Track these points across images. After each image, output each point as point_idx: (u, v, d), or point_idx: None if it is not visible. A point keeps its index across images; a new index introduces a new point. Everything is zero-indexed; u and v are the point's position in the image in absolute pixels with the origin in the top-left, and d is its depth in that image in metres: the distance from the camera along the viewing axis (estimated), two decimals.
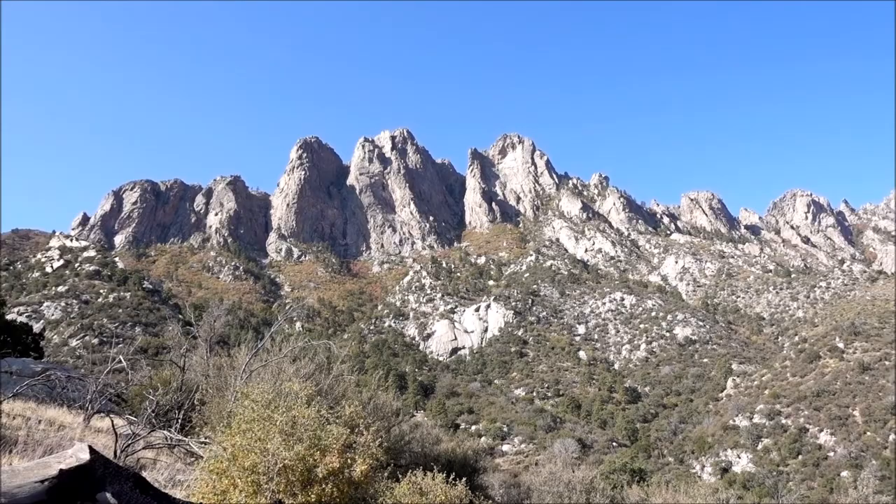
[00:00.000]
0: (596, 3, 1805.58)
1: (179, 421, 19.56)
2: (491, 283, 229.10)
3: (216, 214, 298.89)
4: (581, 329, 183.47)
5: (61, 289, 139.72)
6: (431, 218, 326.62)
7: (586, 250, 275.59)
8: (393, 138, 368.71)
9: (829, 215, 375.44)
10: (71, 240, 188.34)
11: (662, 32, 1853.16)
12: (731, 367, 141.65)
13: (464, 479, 18.09)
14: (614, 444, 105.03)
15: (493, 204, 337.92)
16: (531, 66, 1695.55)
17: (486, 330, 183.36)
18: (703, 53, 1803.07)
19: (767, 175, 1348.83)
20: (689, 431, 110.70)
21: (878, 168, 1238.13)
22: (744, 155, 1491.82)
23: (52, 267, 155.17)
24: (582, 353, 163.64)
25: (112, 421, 15.07)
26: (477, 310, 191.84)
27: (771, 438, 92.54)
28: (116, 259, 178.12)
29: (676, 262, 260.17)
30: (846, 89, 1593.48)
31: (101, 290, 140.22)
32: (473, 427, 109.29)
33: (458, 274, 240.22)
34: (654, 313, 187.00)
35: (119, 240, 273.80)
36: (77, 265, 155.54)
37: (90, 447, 7.28)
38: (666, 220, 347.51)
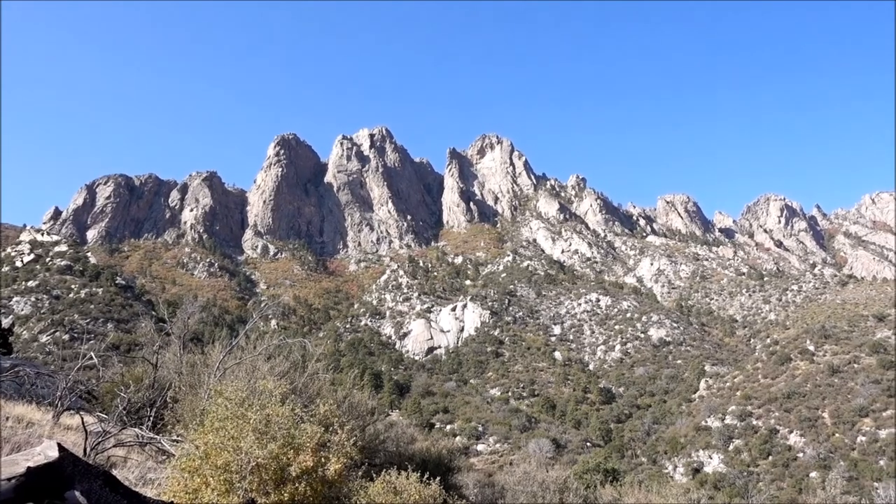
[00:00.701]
0: (574, 3, 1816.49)
1: (151, 419, 19.33)
2: (468, 282, 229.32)
3: (191, 210, 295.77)
4: (557, 329, 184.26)
5: (31, 283, 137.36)
6: (409, 217, 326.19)
7: (563, 251, 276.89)
8: (371, 136, 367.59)
9: (801, 220, 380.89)
10: (42, 234, 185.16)
11: (641, 35, 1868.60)
12: (703, 368, 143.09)
13: (438, 478, 18.14)
14: (588, 444, 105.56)
15: (471, 204, 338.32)
16: (512, 67, 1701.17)
17: (462, 329, 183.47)
18: (682, 57, 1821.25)
19: (742, 179, 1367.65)
20: (662, 432, 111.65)
21: (849, 174, 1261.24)
22: (719, 159, 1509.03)
23: (22, 261, 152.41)
24: (557, 354, 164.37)
25: (82, 418, 14.88)
26: (453, 309, 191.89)
27: (742, 439, 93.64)
28: (89, 254, 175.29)
29: (652, 264, 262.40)
30: (821, 97, 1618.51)
31: (73, 286, 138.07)
32: (448, 426, 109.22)
33: (435, 273, 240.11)
34: (629, 314, 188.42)
35: (92, 235, 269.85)
36: (48, 260, 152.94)
37: (59, 445, 7.17)
38: (642, 222, 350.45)
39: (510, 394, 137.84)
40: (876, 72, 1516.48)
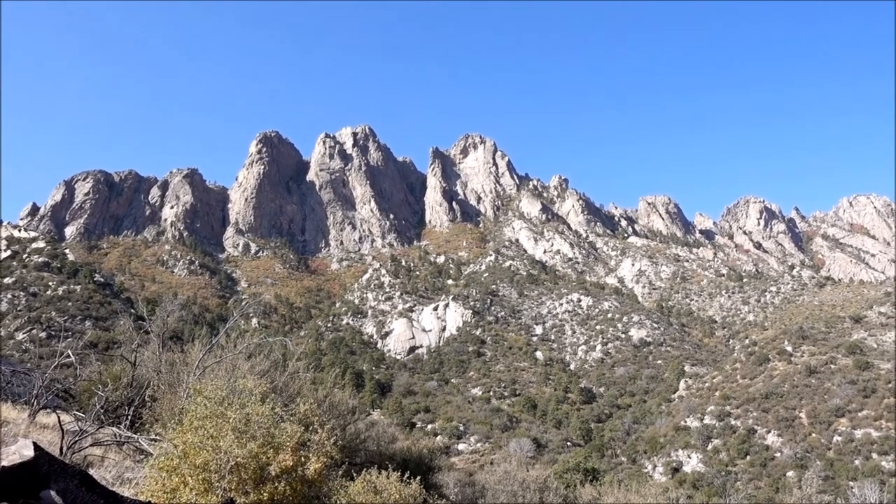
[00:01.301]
0: (558, 4, 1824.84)
1: (129, 417, 19.16)
2: (450, 282, 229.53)
3: (172, 207, 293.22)
4: (538, 329, 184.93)
5: (8, 280, 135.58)
6: (392, 216, 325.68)
7: (545, 251, 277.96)
8: (354, 135, 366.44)
9: (780, 222, 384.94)
10: (19, 230, 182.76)
11: (624, 36, 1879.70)
12: (683, 368, 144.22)
13: (418, 477, 18.15)
14: (569, 443, 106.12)
15: (454, 203, 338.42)
16: (496, 67, 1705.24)
17: (444, 329, 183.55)
18: (665, 60, 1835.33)
19: (722, 181, 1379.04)
20: (642, 432, 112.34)
21: (828, 177, 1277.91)
22: (701, 161, 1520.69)
23: None
24: (539, 354, 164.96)
25: (58, 417, 14.72)
26: (435, 309, 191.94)
27: (720, 439, 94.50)
28: (67, 251, 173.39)
29: (633, 265, 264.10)
30: (803, 101, 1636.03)
31: (51, 283, 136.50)
32: (429, 426, 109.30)
33: (418, 273, 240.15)
34: (610, 315, 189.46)
35: (70, 231, 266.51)
36: (25, 256, 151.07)
37: (35, 444, 7.09)
38: (624, 223, 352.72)
39: (491, 393, 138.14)
40: (863, 76, 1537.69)
